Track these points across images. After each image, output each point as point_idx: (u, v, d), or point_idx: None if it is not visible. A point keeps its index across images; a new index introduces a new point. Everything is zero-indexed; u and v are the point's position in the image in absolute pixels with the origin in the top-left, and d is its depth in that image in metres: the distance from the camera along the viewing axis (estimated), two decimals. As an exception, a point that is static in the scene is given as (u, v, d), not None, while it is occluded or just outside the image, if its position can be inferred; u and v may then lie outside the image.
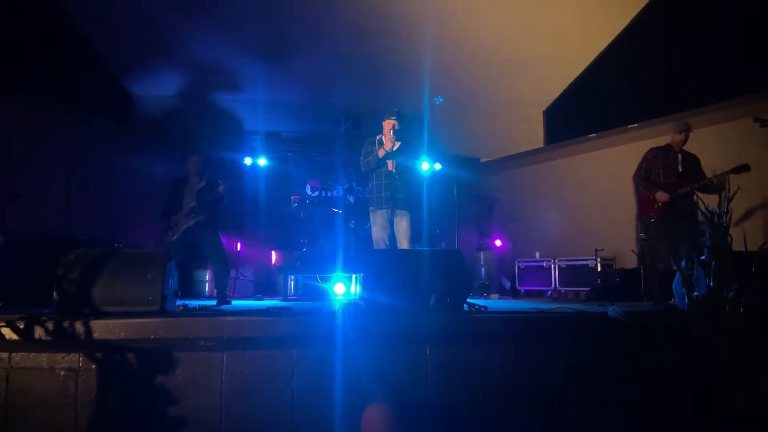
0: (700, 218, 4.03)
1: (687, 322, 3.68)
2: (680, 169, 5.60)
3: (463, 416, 3.49)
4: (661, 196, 5.61)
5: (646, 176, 5.78)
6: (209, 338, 3.39)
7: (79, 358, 3.33)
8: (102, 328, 3.29)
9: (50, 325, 3.27)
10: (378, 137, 5.62)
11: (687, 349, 3.61)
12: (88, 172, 7.47)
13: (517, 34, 7.52)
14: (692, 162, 5.63)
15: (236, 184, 6.38)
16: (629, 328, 3.66)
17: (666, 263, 5.62)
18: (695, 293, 3.67)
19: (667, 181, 5.62)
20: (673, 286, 4.27)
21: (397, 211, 5.51)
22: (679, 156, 5.66)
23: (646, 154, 5.85)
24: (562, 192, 9.37)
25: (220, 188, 5.88)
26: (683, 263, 3.77)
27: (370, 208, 5.65)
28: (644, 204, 5.82)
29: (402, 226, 5.48)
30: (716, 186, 5.30)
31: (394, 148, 5.46)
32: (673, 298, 4.65)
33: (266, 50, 7.84)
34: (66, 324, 3.27)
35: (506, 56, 7.93)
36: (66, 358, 3.33)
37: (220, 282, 5.97)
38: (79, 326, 3.27)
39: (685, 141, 5.66)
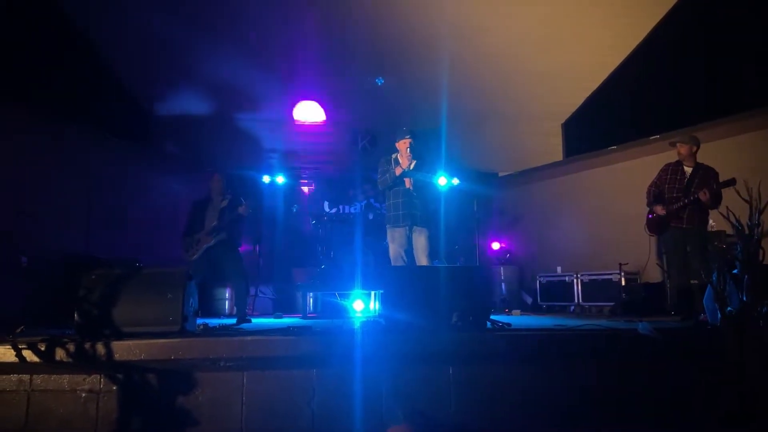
0: (729, 230, 3.92)
1: (719, 338, 3.55)
2: (685, 184, 5.48)
3: (488, 438, 3.40)
4: (658, 209, 5.57)
5: (654, 191, 5.73)
6: (230, 358, 3.37)
7: (100, 379, 3.32)
8: (123, 349, 3.29)
9: (71, 347, 3.27)
10: (394, 156, 5.61)
11: (720, 367, 3.48)
12: (108, 192, 7.55)
13: (534, 48, 7.47)
14: (702, 176, 5.47)
15: (257, 202, 6.37)
16: (659, 345, 3.55)
17: (675, 277, 5.55)
18: (728, 309, 3.55)
19: (670, 195, 5.55)
20: (704, 301, 4.15)
21: (415, 227, 5.47)
22: (688, 170, 5.55)
23: (661, 168, 5.78)
24: (583, 205, 9.24)
25: (242, 209, 5.86)
26: (714, 277, 3.65)
27: (388, 226, 5.61)
28: (649, 218, 5.79)
29: (420, 242, 5.43)
30: (704, 203, 5.25)
31: (411, 167, 5.43)
32: (703, 313, 4.53)
33: (284, 70, 7.90)
34: (87, 345, 3.27)
35: (524, 69, 7.89)
36: (87, 380, 3.32)
37: (240, 300, 5.97)
38: (100, 347, 3.26)
39: (690, 154, 5.53)
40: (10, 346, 3.24)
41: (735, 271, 3.63)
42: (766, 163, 6.31)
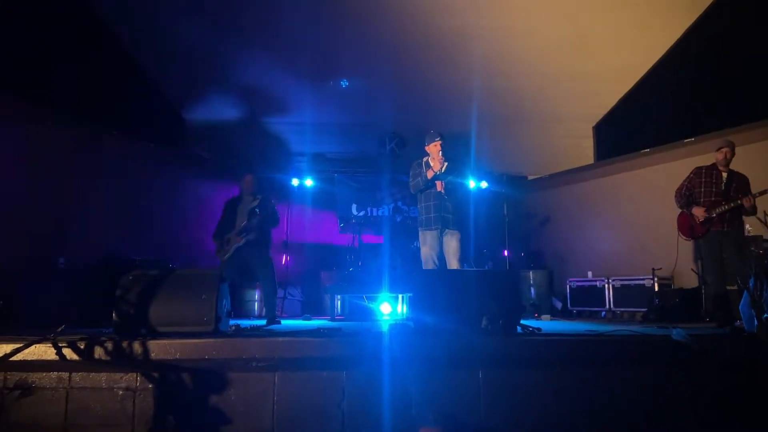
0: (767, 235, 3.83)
1: (756, 345, 3.47)
2: (722, 188, 5.37)
3: (519, 443, 3.38)
4: (698, 211, 5.45)
5: (686, 194, 5.62)
6: (261, 359, 3.42)
7: (136, 377, 3.40)
8: (159, 348, 3.36)
9: (110, 346, 3.36)
10: (425, 159, 5.62)
11: (757, 375, 3.40)
12: (142, 195, 7.74)
13: (565, 49, 7.40)
14: (739, 182, 5.38)
15: (287, 202, 6.43)
16: (695, 353, 3.48)
17: (713, 283, 5.44)
18: (764, 315, 3.47)
19: (707, 199, 5.43)
20: (740, 307, 4.05)
21: (447, 231, 5.47)
22: (724, 175, 5.44)
23: (691, 172, 5.67)
24: (614, 209, 9.10)
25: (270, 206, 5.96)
26: (751, 283, 3.57)
27: (420, 229, 5.62)
28: (681, 222, 5.66)
29: (452, 245, 5.43)
30: (747, 209, 5.17)
31: (443, 169, 5.44)
32: (739, 320, 4.43)
33: (314, 74, 7.99)
34: (124, 344, 3.35)
35: (554, 71, 7.82)
36: (124, 378, 3.41)
37: (269, 301, 6.01)
38: (137, 346, 3.35)
39: (726, 159, 5.43)
40: (50, 345, 3.34)
41: (773, 278, 3.55)
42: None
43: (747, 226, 5.68)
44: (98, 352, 3.35)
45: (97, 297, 5.08)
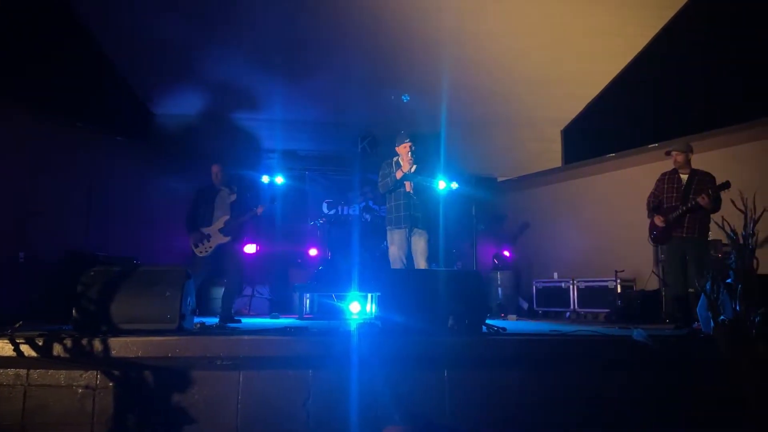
0: (725, 239, 3.95)
1: (712, 347, 3.58)
2: (683, 191, 5.47)
3: (482, 441, 3.42)
4: (657, 219, 5.54)
5: (653, 200, 5.69)
6: (226, 357, 3.38)
7: (96, 375, 3.34)
8: (120, 346, 3.30)
9: (69, 343, 3.28)
10: (395, 159, 5.63)
11: (713, 375, 3.52)
12: (108, 190, 7.58)
13: (535, 54, 7.52)
14: (700, 182, 5.44)
15: (269, 202, 6.25)
16: (654, 353, 3.57)
17: (673, 286, 5.55)
18: (721, 318, 3.58)
19: (669, 204, 5.52)
20: (698, 309, 4.18)
21: (415, 230, 5.48)
22: (684, 177, 5.54)
23: (658, 178, 5.77)
24: (580, 212, 9.28)
25: (259, 210, 5.78)
26: (708, 286, 3.68)
27: (388, 228, 5.62)
28: (650, 228, 5.76)
29: (420, 245, 5.44)
30: (704, 206, 5.20)
31: (412, 170, 5.46)
32: (697, 322, 4.56)
33: (286, 71, 7.93)
34: (84, 341, 3.28)
35: (524, 76, 7.93)
36: (84, 376, 3.34)
37: (229, 297, 5.72)
38: (97, 344, 3.28)
39: (679, 162, 5.52)
40: (8, 341, 3.25)
41: (729, 281, 3.66)
42: (761, 173, 6.35)
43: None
44: (57, 349, 3.27)
45: (59, 293, 4.95)
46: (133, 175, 8.17)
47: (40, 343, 3.28)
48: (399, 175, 5.48)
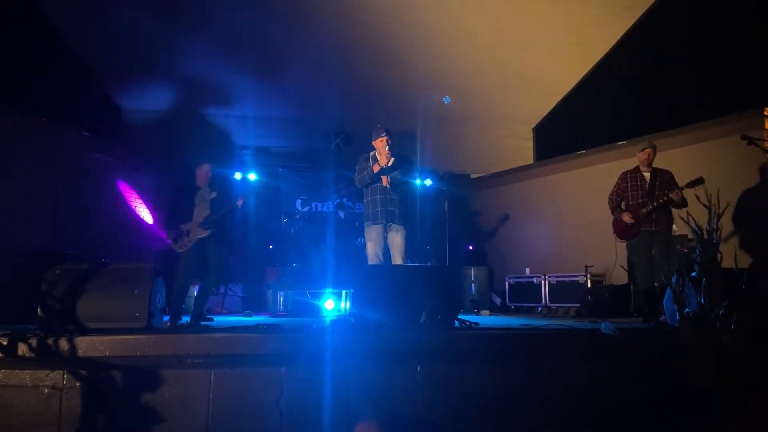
0: (691, 235, 4.05)
1: (677, 339, 3.67)
2: (647, 189, 5.59)
3: (454, 435, 3.45)
4: (625, 217, 5.64)
5: (616, 199, 5.81)
6: (197, 355, 3.35)
7: (63, 375, 3.27)
8: (87, 345, 3.24)
9: (34, 342, 3.21)
10: (372, 153, 5.61)
11: (678, 367, 3.60)
12: (76, 187, 7.39)
13: (507, 52, 7.60)
14: (662, 179, 5.58)
15: (247, 197, 6.16)
16: (622, 345, 3.65)
17: (641, 280, 5.67)
18: (686, 310, 3.67)
19: (635, 201, 5.63)
20: (664, 302, 4.27)
21: (393, 225, 5.44)
22: (647, 175, 5.67)
23: (618, 177, 5.89)
24: (551, 208, 9.39)
25: (239, 202, 5.74)
26: (674, 280, 3.77)
27: (365, 224, 5.57)
28: (615, 225, 5.86)
29: (396, 241, 5.41)
30: (677, 201, 5.33)
31: (389, 164, 5.44)
32: (664, 315, 4.67)
33: (257, 66, 7.87)
34: (50, 341, 3.21)
35: (496, 73, 8.01)
36: (50, 376, 3.27)
37: (203, 296, 5.68)
38: (63, 343, 3.21)
39: (649, 159, 5.65)
40: (-30, 341, 3.17)
41: (694, 274, 3.76)
42: (724, 170, 6.51)
43: (674, 226, 5.95)
44: (22, 348, 3.20)
45: (23, 292, 4.82)
46: (102, 172, 7.99)
47: (5, 343, 3.20)
48: (376, 169, 5.43)
